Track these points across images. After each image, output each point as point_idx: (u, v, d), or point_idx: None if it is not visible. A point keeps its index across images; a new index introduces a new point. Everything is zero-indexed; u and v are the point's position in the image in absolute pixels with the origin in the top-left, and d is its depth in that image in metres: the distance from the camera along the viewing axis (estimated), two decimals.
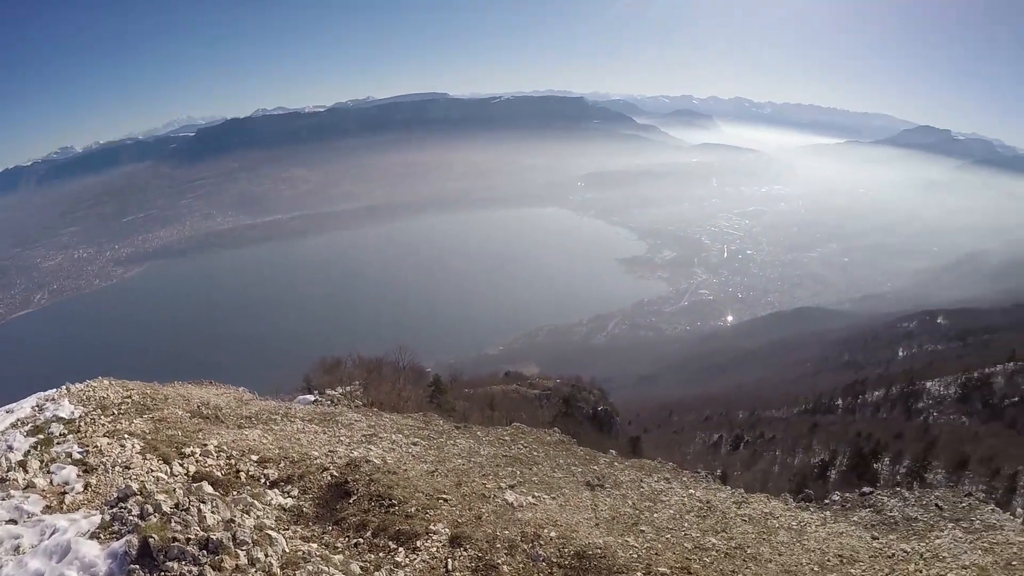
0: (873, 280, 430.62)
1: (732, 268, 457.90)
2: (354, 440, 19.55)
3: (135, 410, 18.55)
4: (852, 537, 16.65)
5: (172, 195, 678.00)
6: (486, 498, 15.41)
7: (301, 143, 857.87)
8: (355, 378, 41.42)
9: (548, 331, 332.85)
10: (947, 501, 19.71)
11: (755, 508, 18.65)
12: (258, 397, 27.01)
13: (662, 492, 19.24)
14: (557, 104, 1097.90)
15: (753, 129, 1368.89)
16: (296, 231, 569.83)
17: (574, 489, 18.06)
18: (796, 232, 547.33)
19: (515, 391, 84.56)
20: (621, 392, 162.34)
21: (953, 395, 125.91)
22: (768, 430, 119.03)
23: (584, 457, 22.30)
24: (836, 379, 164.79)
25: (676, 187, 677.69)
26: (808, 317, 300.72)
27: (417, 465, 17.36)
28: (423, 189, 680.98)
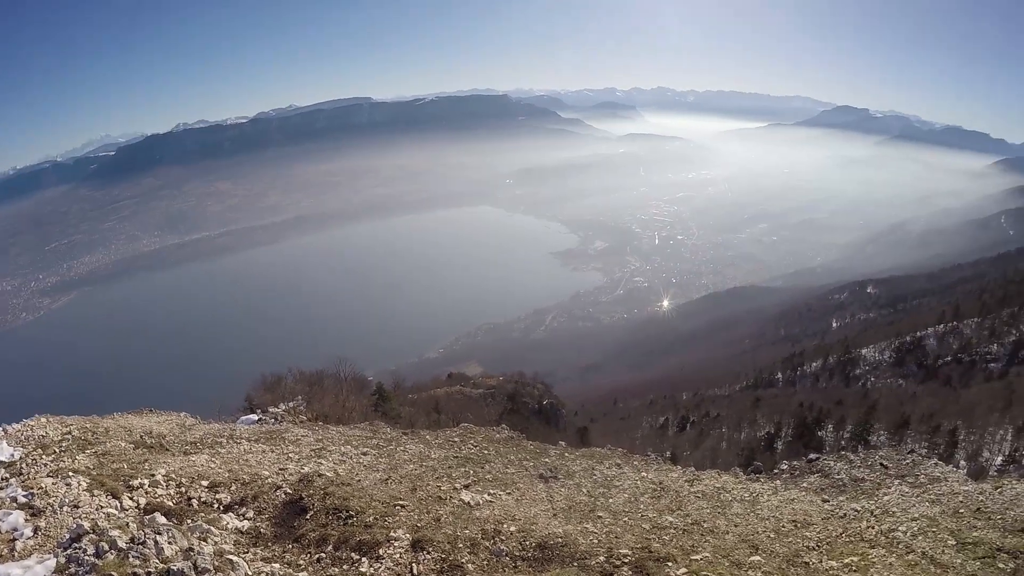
0: (803, 256, 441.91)
1: (664, 254, 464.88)
2: (303, 456, 19.33)
3: (77, 446, 18.04)
4: (804, 502, 17.03)
5: (96, 218, 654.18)
6: (442, 500, 15.40)
7: (225, 156, 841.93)
8: (297, 393, 40.85)
9: (487, 330, 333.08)
10: (891, 460, 20.26)
11: (707, 484, 18.96)
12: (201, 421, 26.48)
13: (615, 478, 19.44)
14: (482, 103, 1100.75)
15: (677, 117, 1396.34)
16: (225, 247, 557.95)
17: (528, 483, 18.14)
18: (725, 215, 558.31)
19: (459, 392, 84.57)
20: (565, 384, 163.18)
21: (888, 359, 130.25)
22: (713, 408, 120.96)
23: (534, 451, 22.40)
24: (774, 353, 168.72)
25: (604, 178, 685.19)
26: (742, 296, 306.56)
27: (370, 474, 17.25)
28: (352, 196, 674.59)
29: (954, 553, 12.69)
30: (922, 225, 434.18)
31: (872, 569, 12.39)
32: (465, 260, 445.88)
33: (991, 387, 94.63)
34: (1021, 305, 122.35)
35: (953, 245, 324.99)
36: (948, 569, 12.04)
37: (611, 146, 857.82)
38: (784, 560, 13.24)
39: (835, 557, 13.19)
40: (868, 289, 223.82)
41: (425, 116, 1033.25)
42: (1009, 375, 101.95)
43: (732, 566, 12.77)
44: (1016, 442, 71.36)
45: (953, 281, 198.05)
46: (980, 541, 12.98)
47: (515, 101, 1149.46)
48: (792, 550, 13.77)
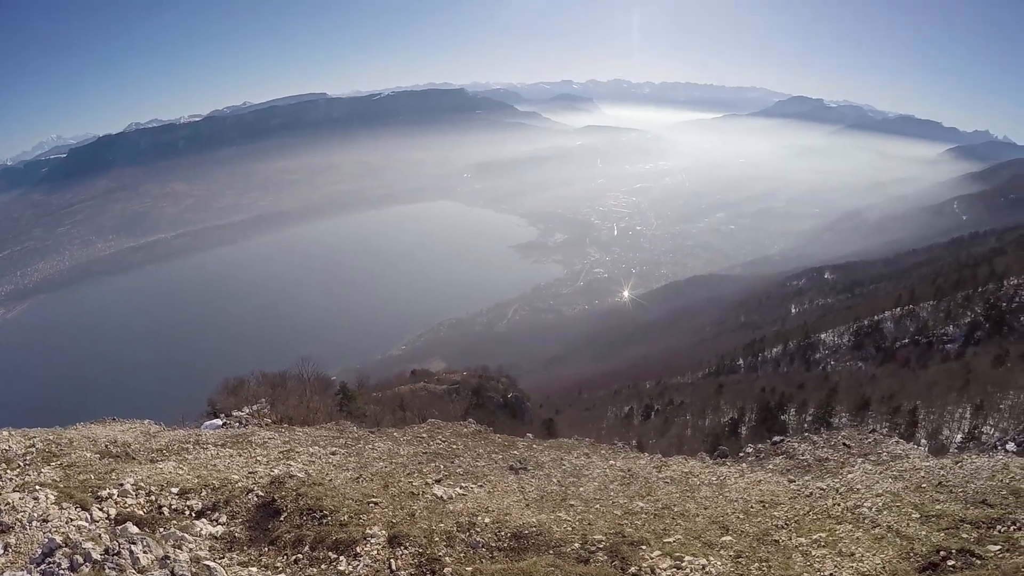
0: (761, 244, 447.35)
1: (624, 245, 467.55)
2: (271, 458, 19.25)
3: (41, 459, 17.80)
4: (770, 483, 17.36)
5: (49, 223, 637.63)
6: (415, 495, 15.48)
7: (180, 156, 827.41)
8: (261, 396, 40.56)
9: (450, 325, 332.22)
10: (854, 439, 20.71)
11: (675, 470, 19.28)
12: (165, 428, 26.21)
13: (584, 467, 19.67)
14: (439, 97, 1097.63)
15: (634, 109, 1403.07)
16: (182, 249, 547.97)
17: (499, 475, 18.29)
18: (683, 205, 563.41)
19: (424, 389, 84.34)
20: (529, 377, 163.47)
21: (847, 343, 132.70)
22: (676, 396, 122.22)
23: (503, 444, 22.54)
24: (735, 340, 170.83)
25: (562, 170, 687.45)
26: (702, 284, 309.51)
27: (340, 474, 17.25)
28: (310, 194, 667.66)
29: (918, 526, 13.05)
30: (877, 212, 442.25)
31: (840, 544, 12.71)
32: (426, 255, 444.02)
33: (948, 367, 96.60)
34: (975, 288, 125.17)
35: (908, 231, 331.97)
36: (913, 541, 12.37)
37: (569, 138, 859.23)
38: (754, 539, 13.53)
39: (803, 534, 13.50)
40: (826, 275, 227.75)
41: (382, 111, 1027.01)
42: (965, 355, 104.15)
43: (704, 547, 13.02)
44: (975, 419, 72.99)
45: (908, 266, 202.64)
46: (943, 513, 13.36)
47: (472, 95, 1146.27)
48: (761, 529, 14.06)
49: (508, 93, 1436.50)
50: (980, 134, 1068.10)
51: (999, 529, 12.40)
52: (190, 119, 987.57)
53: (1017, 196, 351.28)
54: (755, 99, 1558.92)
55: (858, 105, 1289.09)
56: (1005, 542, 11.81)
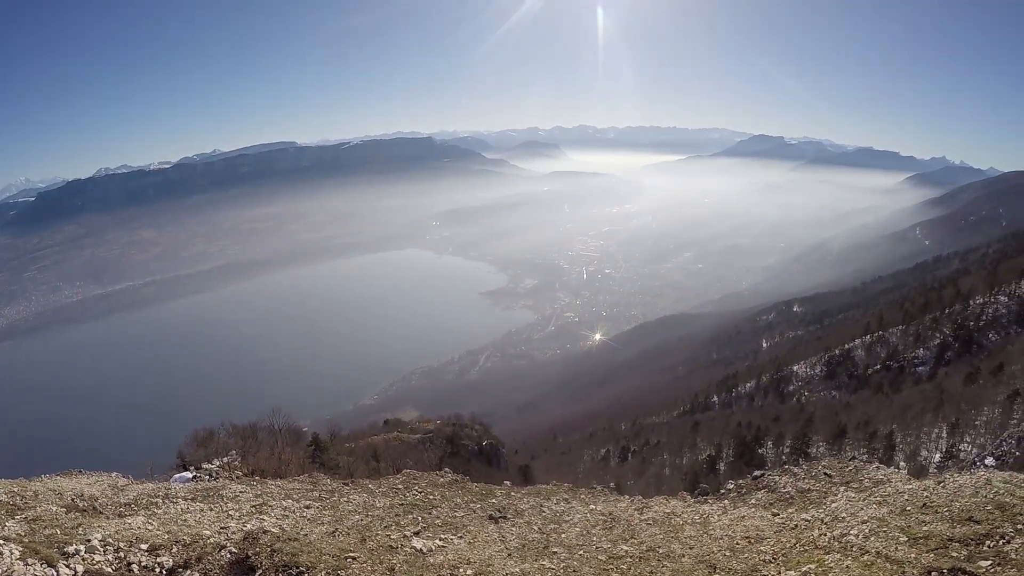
0: (729, 281, 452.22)
1: (593, 288, 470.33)
2: (243, 512, 18.81)
3: (5, 511, 17.24)
4: (754, 518, 17.19)
5: (15, 268, 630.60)
6: (394, 549, 15.11)
7: (148, 203, 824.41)
8: (231, 448, 39.81)
9: (421, 373, 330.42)
10: (834, 468, 20.63)
11: (657, 511, 19.04)
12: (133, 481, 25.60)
13: (564, 513, 19.39)
14: (407, 146, 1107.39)
15: (599, 154, 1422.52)
16: (150, 298, 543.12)
17: (478, 525, 17.97)
18: (651, 246, 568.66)
19: (397, 438, 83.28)
20: (504, 423, 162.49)
21: (820, 373, 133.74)
22: (652, 436, 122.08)
23: (480, 492, 22.22)
24: (709, 377, 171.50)
25: (530, 216, 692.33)
26: (673, 324, 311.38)
27: (315, 528, 16.86)
28: (278, 242, 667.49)
29: (907, 548, 12.95)
30: (842, 242, 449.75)
31: (830, 574, 12.56)
32: (396, 303, 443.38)
33: (921, 389, 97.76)
34: (942, 310, 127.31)
35: (873, 259, 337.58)
36: (903, 564, 12.26)
37: (536, 184, 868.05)
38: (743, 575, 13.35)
39: (792, 567, 13.34)
40: (795, 308, 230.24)
41: (350, 160, 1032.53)
42: (937, 376, 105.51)
43: None
44: (951, 438, 73.64)
45: (875, 293, 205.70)
46: (931, 534, 13.28)
47: (439, 143, 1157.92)
48: (749, 565, 13.89)
49: (475, 141, 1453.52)
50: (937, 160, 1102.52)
51: (988, 544, 12.35)
52: (160, 166, 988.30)
53: (977, 217, 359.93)
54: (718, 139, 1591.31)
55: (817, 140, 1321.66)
56: (995, 556, 11.76)
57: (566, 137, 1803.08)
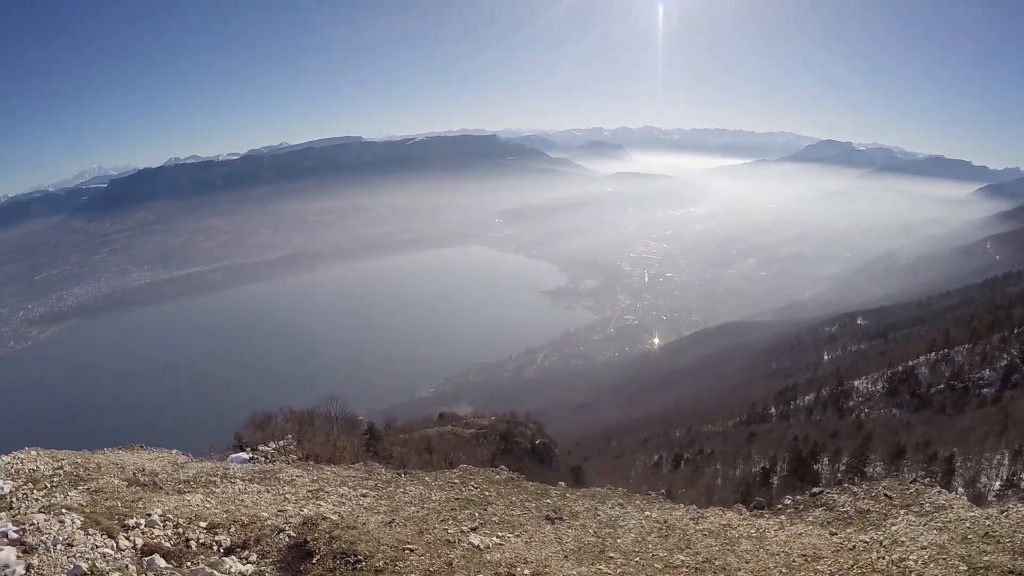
0: (792, 289, 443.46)
1: (654, 291, 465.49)
2: (300, 497, 18.98)
3: (68, 482, 17.61)
4: (812, 536, 16.85)
5: (86, 250, 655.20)
6: (451, 543, 15.05)
7: (216, 192, 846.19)
8: (287, 432, 40.50)
9: (479, 369, 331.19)
10: (895, 490, 20.13)
11: (712, 522, 18.75)
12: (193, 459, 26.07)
13: (619, 518, 19.21)
14: (471, 143, 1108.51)
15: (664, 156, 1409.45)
16: (215, 283, 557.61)
17: (535, 524, 17.87)
18: (714, 251, 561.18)
19: (451, 432, 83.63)
20: (558, 423, 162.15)
21: (881, 390, 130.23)
22: (707, 445, 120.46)
23: (535, 492, 22.11)
24: (767, 388, 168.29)
25: (593, 217, 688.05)
26: (733, 331, 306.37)
27: (372, 517, 16.90)
28: (342, 235, 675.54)
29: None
30: (909, 254, 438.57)
31: None
32: (456, 300, 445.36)
33: (985, 412, 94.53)
34: (1011, 330, 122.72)
35: (940, 272, 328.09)
36: None
37: (599, 185, 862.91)
38: None
39: None
40: (858, 320, 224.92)
41: (415, 156, 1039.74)
42: (1003, 399, 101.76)
43: None
44: (1013, 466, 71.15)
45: (942, 308, 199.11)
46: (991, 565, 12.87)
47: (504, 141, 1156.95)
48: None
49: (540, 140, 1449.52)
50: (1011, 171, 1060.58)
51: None
52: (228, 157, 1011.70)
53: None
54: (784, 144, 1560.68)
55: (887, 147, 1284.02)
56: None
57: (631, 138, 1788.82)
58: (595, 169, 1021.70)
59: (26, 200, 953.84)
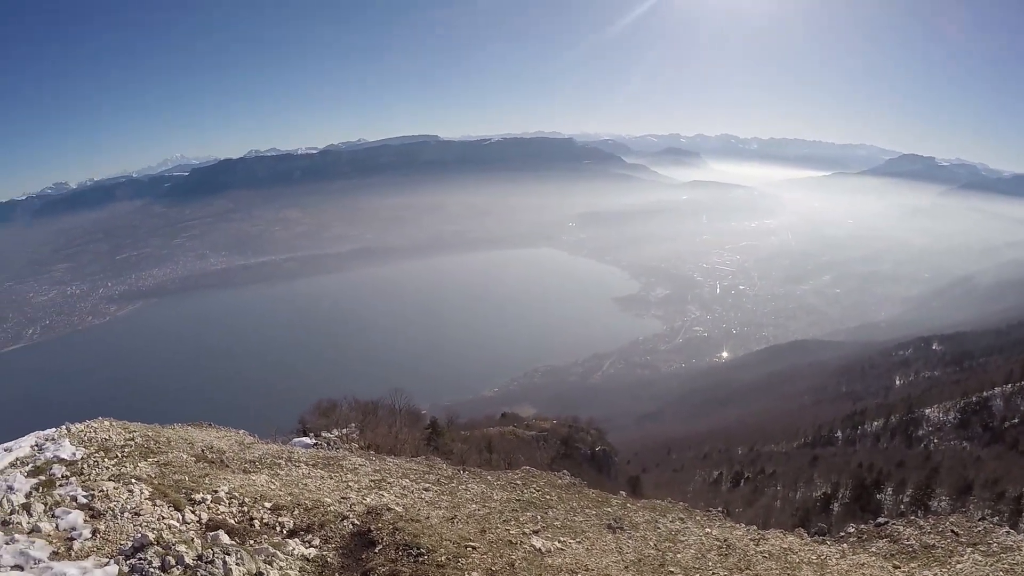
0: (867, 309, 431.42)
1: (725, 304, 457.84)
2: (363, 486, 19.22)
3: (139, 453, 18.14)
4: (874, 568, 16.48)
5: (166, 234, 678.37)
6: (513, 544, 15.06)
7: (294, 184, 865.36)
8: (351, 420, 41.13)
9: (544, 372, 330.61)
10: (962, 527, 19.63)
11: (773, 544, 18.45)
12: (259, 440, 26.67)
13: (679, 532, 19.05)
14: (548, 145, 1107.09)
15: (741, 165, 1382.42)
16: (289, 272, 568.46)
17: (597, 532, 17.82)
18: (788, 265, 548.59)
19: (512, 433, 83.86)
20: (619, 431, 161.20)
21: (953, 420, 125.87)
22: (768, 465, 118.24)
23: (596, 499, 22.08)
24: (835, 410, 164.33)
25: (667, 225, 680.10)
26: (804, 349, 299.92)
27: (434, 511, 17.02)
28: (415, 231, 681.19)
29: None
30: (990, 278, 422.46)
31: None
32: (526, 300, 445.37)
33: None
34: None
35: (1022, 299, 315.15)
36: None
37: (675, 192, 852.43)
38: None
39: None
40: (933, 346, 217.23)
41: (491, 156, 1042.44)
42: None
43: None
44: None
45: (1022, 338, 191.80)
46: None
47: (580, 145, 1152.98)
48: None
49: (616, 144, 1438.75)
50: None
51: None
52: (307, 151, 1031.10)
53: None
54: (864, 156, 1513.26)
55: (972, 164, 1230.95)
56: None
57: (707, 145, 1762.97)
58: (671, 176, 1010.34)
59: (111, 184, 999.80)
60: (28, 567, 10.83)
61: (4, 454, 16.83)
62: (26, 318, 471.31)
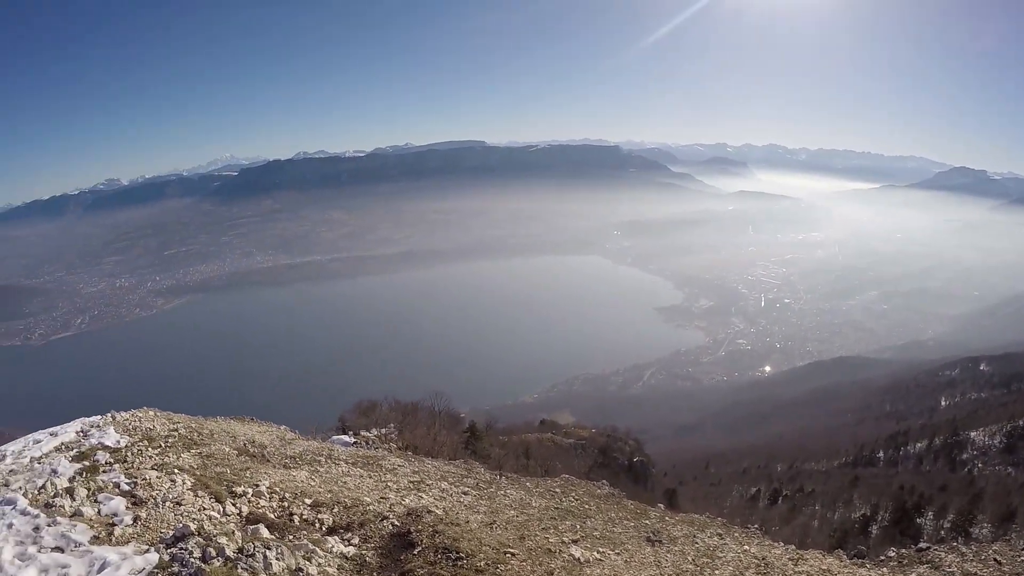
0: (914, 327, 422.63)
1: (770, 317, 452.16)
2: (402, 487, 19.29)
3: (182, 444, 18.41)
4: None
5: (214, 232, 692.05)
6: (552, 553, 14.97)
7: (341, 186, 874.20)
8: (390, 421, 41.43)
9: (584, 379, 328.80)
10: (1005, 555, 19.22)
11: (812, 565, 18.15)
12: (300, 436, 26.94)
13: (717, 548, 18.84)
14: (593, 152, 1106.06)
15: (788, 176, 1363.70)
16: (334, 273, 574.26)
17: (636, 544, 17.68)
18: (834, 279, 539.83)
19: (550, 440, 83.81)
20: (658, 443, 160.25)
21: (999, 445, 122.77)
22: (808, 483, 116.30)
23: (635, 511, 21.97)
24: (878, 429, 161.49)
25: (713, 235, 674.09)
26: (848, 366, 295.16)
27: (473, 516, 17.03)
28: (461, 236, 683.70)
29: None
30: None
31: None
32: (568, 308, 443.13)
33: None
34: None
35: None
36: None
37: (721, 202, 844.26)
38: None
39: None
40: (981, 366, 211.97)
41: (536, 162, 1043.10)
42: None
43: None
44: None
45: None
46: None
47: (626, 153, 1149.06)
48: None
49: (662, 152, 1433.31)
50: None
51: None
52: (354, 154, 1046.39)
53: None
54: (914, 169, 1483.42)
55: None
56: None
57: (754, 155, 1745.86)
58: (717, 186, 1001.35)
59: (162, 182, 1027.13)
60: (68, 549, 11.03)
61: (50, 439, 17.21)
62: (76, 308, 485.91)
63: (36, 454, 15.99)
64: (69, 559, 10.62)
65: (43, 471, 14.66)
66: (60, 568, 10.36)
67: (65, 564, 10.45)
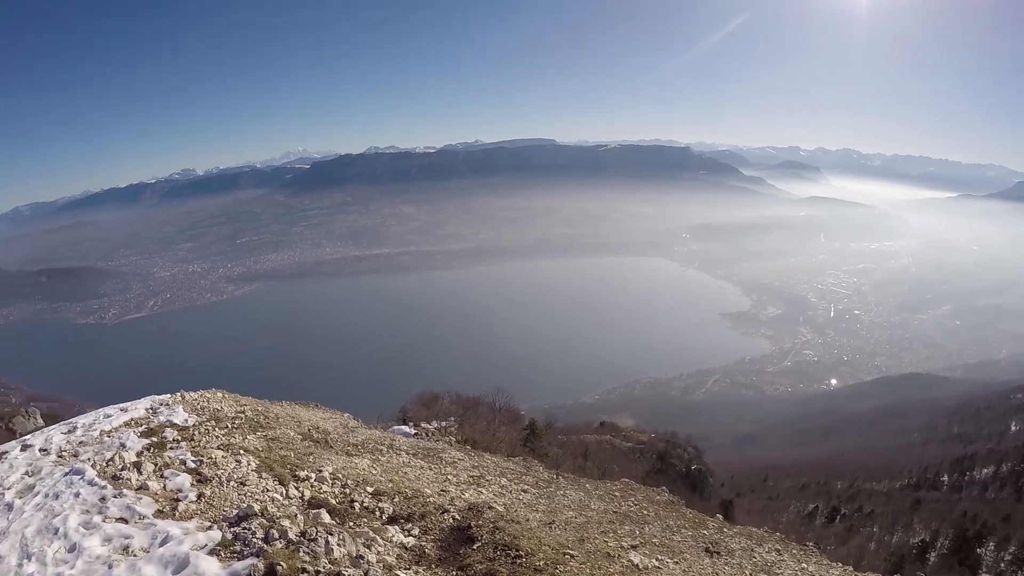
0: (988, 345, 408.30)
1: (839, 328, 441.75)
2: (461, 480, 19.36)
3: (248, 426, 18.76)
4: None
5: (285, 222, 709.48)
6: (611, 557, 14.80)
7: (411, 181, 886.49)
8: (451, 414, 41.76)
9: (646, 383, 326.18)
10: None
11: None
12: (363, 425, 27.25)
13: (774, 564, 18.50)
14: (664, 154, 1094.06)
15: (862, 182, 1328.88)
16: (402, 266, 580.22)
17: (694, 555, 17.42)
18: (907, 292, 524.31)
19: (609, 442, 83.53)
20: (717, 451, 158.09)
21: None
22: (867, 503, 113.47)
23: (693, 520, 21.73)
24: (943, 452, 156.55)
25: (783, 241, 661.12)
26: (917, 383, 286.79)
27: (532, 514, 16.96)
28: (529, 233, 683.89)
29: None
30: None
31: None
32: (633, 310, 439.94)
33: None
34: None
35: None
36: None
37: (792, 208, 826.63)
38: None
39: None
40: None
41: (607, 162, 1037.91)
42: None
43: None
44: None
45: None
46: None
47: (697, 154, 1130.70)
48: None
49: (733, 155, 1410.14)
50: None
51: None
52: (425, 149, 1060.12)
53: None
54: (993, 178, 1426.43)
55: None
56: None
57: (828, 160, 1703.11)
58: (788, 191, 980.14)
59: (235, 173, 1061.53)
60: (133, 521, 11.31)
61: (120, 414, 17.77)
62: (149, 290, 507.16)
63: (106, 428, 16.54)
64: (132, 530, 10.86)
65: (112, 444, 15.14)
66: (123, 538, 10.59)
67: (128, 535, 10.68)
